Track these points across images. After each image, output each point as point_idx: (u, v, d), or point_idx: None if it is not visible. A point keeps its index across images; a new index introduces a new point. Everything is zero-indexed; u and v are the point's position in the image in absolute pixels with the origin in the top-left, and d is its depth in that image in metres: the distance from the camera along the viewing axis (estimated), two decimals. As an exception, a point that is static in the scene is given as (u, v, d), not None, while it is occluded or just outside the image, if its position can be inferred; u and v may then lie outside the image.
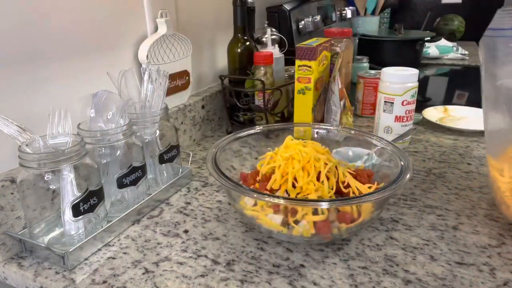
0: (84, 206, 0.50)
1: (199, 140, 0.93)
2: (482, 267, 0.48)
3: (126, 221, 0.58)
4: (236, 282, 0.46)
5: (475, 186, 0.67)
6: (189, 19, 0.89)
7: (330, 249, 0.52)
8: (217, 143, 0.61)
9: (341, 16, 1.61)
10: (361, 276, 0.47)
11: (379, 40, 1.45)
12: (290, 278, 0.47)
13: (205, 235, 0.56)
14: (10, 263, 0.51)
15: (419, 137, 0.90)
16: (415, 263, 0.49)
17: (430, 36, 1.46)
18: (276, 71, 0.92)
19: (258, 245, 0.53)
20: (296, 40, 1.24)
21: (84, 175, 0.51)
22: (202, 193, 0.68)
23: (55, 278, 0.48)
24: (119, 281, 0.47)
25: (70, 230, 0.50)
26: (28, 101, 0.56)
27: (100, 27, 0.66)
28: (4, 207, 0.50)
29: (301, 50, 0.75)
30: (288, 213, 0.50)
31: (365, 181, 0.57)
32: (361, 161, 0.64)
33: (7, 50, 0.52)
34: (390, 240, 0.54)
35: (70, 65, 0.61)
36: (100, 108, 0.55)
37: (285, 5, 1.24)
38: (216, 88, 0.99)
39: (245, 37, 0.89)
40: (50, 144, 0.49)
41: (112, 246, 0.54)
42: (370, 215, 0.51)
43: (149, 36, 0.75)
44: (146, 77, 0.62)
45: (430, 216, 0.59)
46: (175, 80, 0.82)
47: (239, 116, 0.93)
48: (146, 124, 0.63)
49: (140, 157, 0.60)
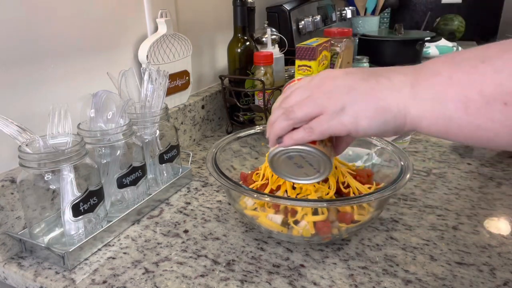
0: (84, 206, 0.50)
1: (199, 140, 0.93)
2: (482, 267, 0.48)
3: (126, 221, 0.58)
4: (236, 282, 0.46)
5: (475, 186, 0.67)
6: (189, 19, 0.89)
7: (330, 249, 0.52)
8: (217, 143, 0.61)
9: (341, 16, 1.61)
10: (361, 276, 0.47)
11: (379, 40, 1.45)
12: (290, 278, 0.47)
13: (205, 235, 0.56)
14: (10, 263, 0.51)
15: (419, 137, 0.90)
16: (415, 263, 0.49)
17: (430, 36, 1.46)
18: (276, 71, 0.92)
19: (258, 245, 0.53)
20: (296, 40, 1.24)
21: (84, 175, 0.51)
22: (202, 193, 0.68)
23: (55, 278, 0.48)
24: (119, 281, 0.47)
25: (70, 230, 0.50)
26: (28, 101, 0.56)
27: (100, 27, 0.66)
28: (4, 207, 0.50)
29: (301, 50, 0.75)
30: (288, 213, 0.50)
31: (365, 181, 0.57)
32: (361, 161, 0.64)
33: (7, 50, 0.52)
34: (390, 240, 0.54)
35: (70, 65, 0.61)
36: (100, 108, 0.55)
37: (285, 5, 1.24)
38: (216, 88, 0.99)
39: (245, 37, 0.89)
40: (50, 144, 0.49)
41: (112, 246, 0.54)
42: (370, 215, 0.51)
43: (149, 36, 0.75)
44: (146, 77, 0.62)
45: (430, 216, 0.59)
46: (175, 80, 0.82)
47: (239, 116, 0.93)
48: (146, 124, 0.63)
49: (140, 157, 0.60)
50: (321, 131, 0.38)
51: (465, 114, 0.30)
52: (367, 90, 0.36)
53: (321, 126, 0.38)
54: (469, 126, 0.31)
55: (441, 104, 0.32)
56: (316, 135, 0.39)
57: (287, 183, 0.53)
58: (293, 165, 0.43)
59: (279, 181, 0.54)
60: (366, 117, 0.36)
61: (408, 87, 0.34)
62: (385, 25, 2.16)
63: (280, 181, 0.53)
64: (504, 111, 0.28)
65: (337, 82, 0.38)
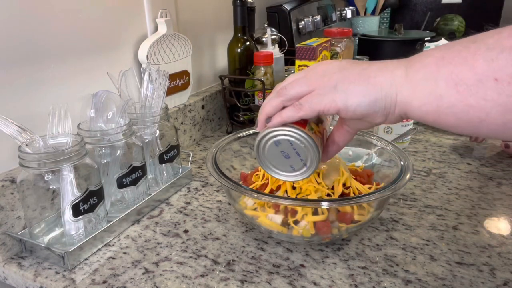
0: (84, 206, 0.50)
1: (199, 140, 0.93)
2: (482, 267, 0.48)
3: (126, 221, 0.58)
4: (236, 282, 0.46)
5: (475, 186, 0.67)
6: (189, 19, 0.89)
7: (330, 249, 0.52)
8: (217, 143, 0.61)
9: (341, 16, 1.61)
10: (361, 276, 0.47)
11: (379, 40, 1.45)
12: (290, 278, 0.47)
13: (205, 235, 0.56)
14: (10, 263, 0.51)
15: (419, 137, 0.90)
16: (415, 263, 0.49)
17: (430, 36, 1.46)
18: (276, 71, 0.92)
19: (258, 245, 0.53)
20: (296, 40, 1.24)
21: (84, 175, 0.51)
22: (202, 193, 0.68)
23: (55, 278, 0.48)
24: (119, 281, 0.47)
25: (70, 230, 0.50)
26: (28, 101, 0.56)
27: (100, 27, 0.66)
28: (4, 207, 0.50)
29: (301, 50, 0.76)
30: (288, 213, 0.50)
31: (365, 181, 0.57)
32: (361, 161, 0.64)
33: (7, 50, 0.52)
34: (390, 240, 0.54)
35: (70, 65, 0.61)
36: (100, 108, 0.55)
37: (285, 5, 1.23)
38: (216, 88, 0.99)
39: (245, 37, 0.89)
40: (50, 144, 0.49)
41: (112, 246, 0.54)
42: (370, 215, 0.51)
43: (149, 36, 0.75)
44: (146, 77, 0.62)
45: (430, 216, 0.59)
46: (175, 80, 0.82)
47: (239, 116, 0.93)
48: (146, 124, 0.63)
49: (140, 157, 0.60)
50: (310, 106, 0.37)
51: (456, 92, 0.30)
52: (359, 71, 0.37)
53: (310, 102, 0.37)
54: (460, 105, 0.30)
55: (432, 82, 0.31)
56: (305, 111, 0.38)
57: (287, 183, 0.53)
58: (279, 154, 0.42)
59: (279, 181, 0.54)
60: (356, 94, 0.36)
61: (402, 69, 0.34)
62: (385, 25, 2.16)
63: (280, 181, 0.53)
64: (496, 88, 0.28)
65: (331, 65, 0.39)
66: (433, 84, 0.31)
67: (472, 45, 0.30)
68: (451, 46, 0.32)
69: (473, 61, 0.29)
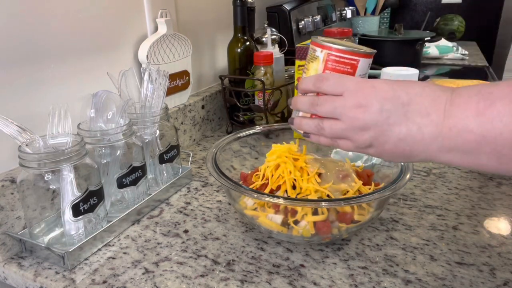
0: (84, 206, 0.50)
1: (199, 140, 0.93)
2: (482, 267, 0.48)
3: (126, 221, 0.58)
4: (236, 282, 0.46)
5: (475, 186, 0.68)
6: (189, 19, 0.89)
7: (330, 249, 0.52)
8: (217, 143, 0.61)
9: (341, 16, 1.61)
10: (361, 276, 0.47)
11: (379, 40, 1.45)
12: (290, 278, 0.47)
13: (205, 235, 0.56)
14: (10, 263, 0.51)
15: (419, 137, 0.90)
16: (415, 263, 0.49)
17: (430, 36, 1.46)
18: (276, 71, 0.92)
19: (258, 245, 0.53)
20: (296, 40, 1.24)
21: (84, 175, 0.51)
22: (202, 193, 0.68)
23: (55, 278, 0.48)
24: (119, 281, 0.47)
25: (70, 230, 0.50)
26: (28, 101, 0.56)
27: (100, 27, 0.66)
28: (4, 207, 0.50)
29: (301, 50, 0.75)
30: (288, 213, 0.50)
31: (365, 181, 0.57)
32: (361, 161, 0.64)
33: (7, 50, 0.52)
34: (390, 240, 0.54)
35: (70, 65, 0.61)
36: (100, 108, 0.55)
37: (285, 5, 1.24)
38: (216, 88, 0.99)
39: (245, 37, 0.89)
40: (50, 144, 0.49)
41: (112, 246, 0.54)
42: (370, 215, 0.51)
43: (149, 36, 0.75)
44: (146, 77, 0.62)
45: (430, 216, 0.59)
46: (175, 80, 0.82)
47: (239, 116, 0.93)
48: (146, 124, 0.63)
49: (140, 157, 0.60)
50: (338, 145, 0.41)
51: (497, 163, 0.32)
52: (397, 135, 0.37)
53: (339, 145, 0.41)
54: (499, 170, 0.33)
55: (473, 156, 0.33)
56: (324, 141, 0.42)
57: (287, 183, 0.53)
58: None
59: (279, 181, 0.54)
60: (390, 156, 0.38)
61: (438, 142, 0.35)
62: (385, 25, 2.16)
63: (280, 181, 0.53)
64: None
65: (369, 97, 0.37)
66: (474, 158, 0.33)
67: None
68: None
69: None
